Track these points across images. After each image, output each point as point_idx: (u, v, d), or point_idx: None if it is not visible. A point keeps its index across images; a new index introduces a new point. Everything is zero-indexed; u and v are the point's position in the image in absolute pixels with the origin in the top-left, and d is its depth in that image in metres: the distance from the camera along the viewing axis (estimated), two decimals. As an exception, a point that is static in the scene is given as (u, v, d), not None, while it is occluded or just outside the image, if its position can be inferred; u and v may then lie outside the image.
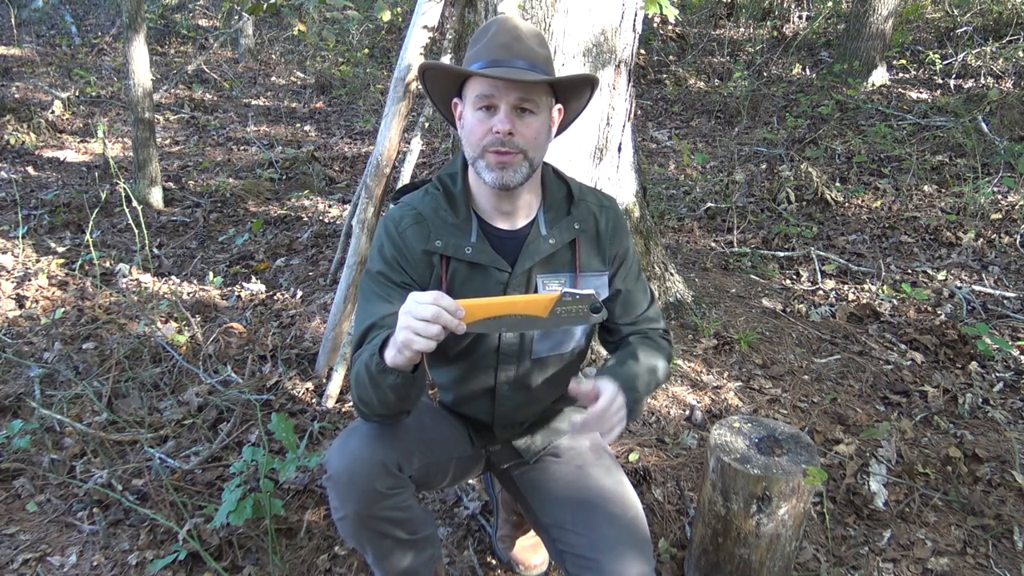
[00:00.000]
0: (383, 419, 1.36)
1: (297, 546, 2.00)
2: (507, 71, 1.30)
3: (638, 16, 2.64)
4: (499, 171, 1.33)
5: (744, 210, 4.51)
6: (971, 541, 2.06)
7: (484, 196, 1.43)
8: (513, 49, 1.34)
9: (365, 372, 1.26)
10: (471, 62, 1.37)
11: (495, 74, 1.28)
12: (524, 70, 1.32)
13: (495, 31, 1.37)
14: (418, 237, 1.40)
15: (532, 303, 1.22)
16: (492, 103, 1.31)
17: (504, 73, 1.29)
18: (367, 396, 1.29)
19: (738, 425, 1.81)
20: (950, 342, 2.97)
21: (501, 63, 1.32)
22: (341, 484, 1.32)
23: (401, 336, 1.14)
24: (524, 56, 1.34)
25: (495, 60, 1.33)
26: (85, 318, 3.19)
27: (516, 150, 1.32)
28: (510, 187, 1.36)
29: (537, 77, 1.31)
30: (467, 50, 1.42)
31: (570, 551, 1.43)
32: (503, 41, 1.34)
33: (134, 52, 4.29)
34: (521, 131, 1.32)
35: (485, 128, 1.32)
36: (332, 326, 2.69)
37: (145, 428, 2.45)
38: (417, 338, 1.13)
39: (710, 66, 8.03)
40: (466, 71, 1.33)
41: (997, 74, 6.89)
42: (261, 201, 4.82)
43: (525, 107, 1.32)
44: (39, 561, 1.96)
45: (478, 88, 1.32)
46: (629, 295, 1.57)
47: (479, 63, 1.34)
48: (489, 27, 1.39)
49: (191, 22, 10.10)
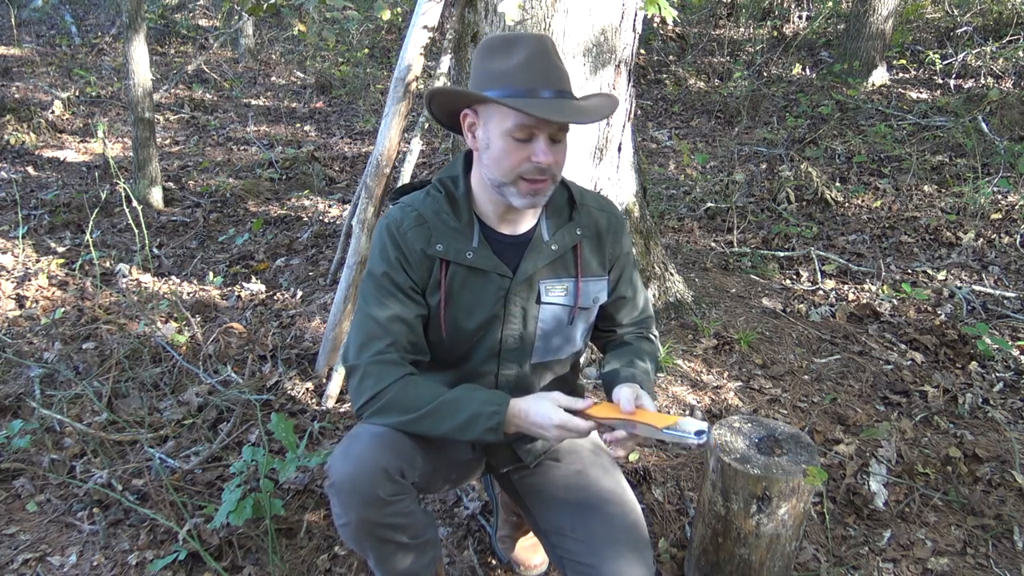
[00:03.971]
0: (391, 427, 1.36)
1: (297, 546, 2.00)
2: (559, 105, 1.28)
3: (638, 16, 2.64)
4: (531, 197, 1.34)
5: (744, 210, 4.51)
6: (971, 541, 2.05)
7: (490, 202, 1.42)
8: (551, 76, 1.30)
9: (467, 418, 1.33)
10: (501, 83, 1.30)
11: (555, 118, 1.26)
12: (561, 98, 1.30)
13: (527, 54, 1.30)
14: (419, 239, 1.40)
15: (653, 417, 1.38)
16: (531, 133, 1.30)
17: (558, 112, 1.26)
18: (428, 422, 1.34)
19: (738, 425, 1.81)
20: (950, 342, 2.97)
21: (538, 92, 1.28)
22: (344, 491, 1.31)
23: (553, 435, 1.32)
24: (559, 83, 1.31)
25: (530, 90, 1.28)
26: (85, 318, 3.19)
27: (549, 176, 1.34)
28: (537, 207, 1.39)
29: (588, 117, 1.30)
30: (482, 58, 1.34)
31: (569, 557, 1.43)
32: (538, 66, 1.30)
33: (134, 52, 4.30)
34: (556, 158, 1.33)
35: (522, 156, 1.30)
36: (332, 326, 2.69)
37: (145, 428, 2.45)
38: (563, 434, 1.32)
39: (710, 66, 8.03)
40: (526, 111, 1.25)
41: (997, 74, 6.89)
42: (261, 201, 4.82)
43: (560, 136, 1.33)
44: (39, 561, 1.96)
45: (516, 118, 1.28)
46: (629, 297, 1.60)
47: (512, 91, 1.28)
48: (514, 46, 1.31)
49: (191, 22, 10.10)
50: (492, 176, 1.35)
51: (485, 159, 1.35)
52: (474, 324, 1.45)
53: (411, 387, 1.37)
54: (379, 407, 1.36)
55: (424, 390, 1.37)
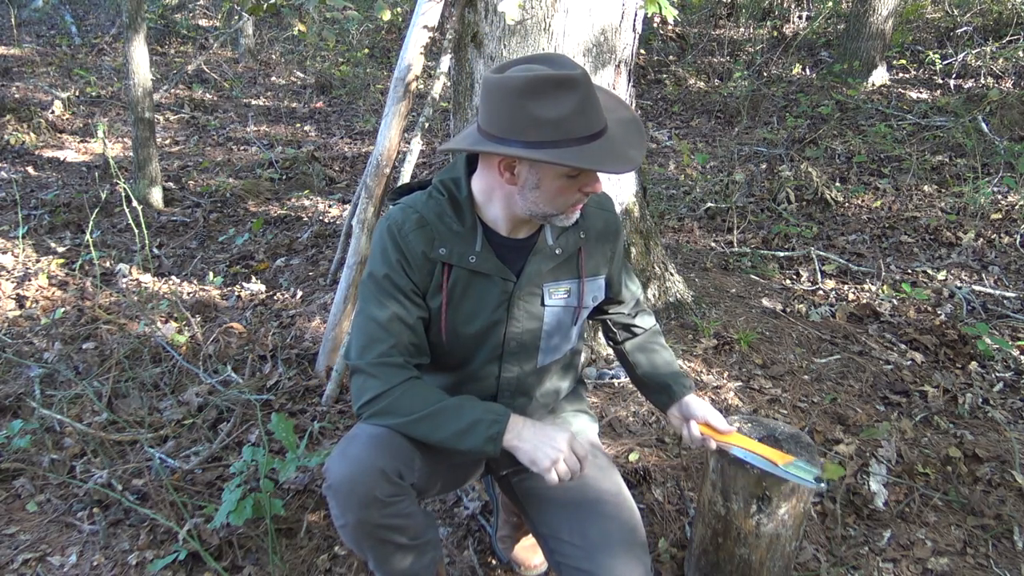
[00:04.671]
0: (390, 429, 1.36)
1: (297, 546, 2.00)
2: (615, 152, 1.26)
3: (638, 16, 2.64)
4: (575, 215, 1.38)
5: (744, 210, 4.51)
6: (971, 541, 2.05)
7: (493, 208, 1.40)
8: (598, 111, 1.27)
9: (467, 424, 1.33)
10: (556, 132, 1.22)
11: (626, 169, 1.25)
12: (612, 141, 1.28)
13: (580, 100, 1.23)
14: (420, 242, 1.38)
15: (775, 454, 1.54)
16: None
17: (624, 162, 1.26)
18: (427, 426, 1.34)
19: (738, 425, 1.81)
20: (950, 342, 2.97)
21: (594, 136, 1.26)
22: (342, 493, 1.31)
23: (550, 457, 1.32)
24: (602, 113, 1.28)
25: (592, 135, 1.25)
26: (85, 318, 3.19)
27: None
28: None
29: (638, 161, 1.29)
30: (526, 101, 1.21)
31: (566, 562, 1.42)
32: (590, 108, 1.25)
33: (134, 52, 4.30)
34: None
35: (575, 189, 1.32)
36: (332, 326, 2.69)
37: (145, 428, 2.45)
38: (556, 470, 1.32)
39: (710, 66, 8.03)
40: (605, 170, 1.24)
41: (997, 74, 6.89)
42: (261, 201, 4.82)
43: None
44: (39, 561, 1.96)
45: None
46: (624, 288, 1.67)
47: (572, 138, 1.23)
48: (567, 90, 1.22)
49: (191, 22, 10.10)
50: (538, 210, 1.34)
51: (530, 196, 1.32)
52: (475, 328, 1.45)
53: (413, 390, 1.37)
54: (379, 409, 1.36)
55: (426, 394, 1.37)
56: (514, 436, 1.34)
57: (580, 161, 1.22)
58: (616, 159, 1.25)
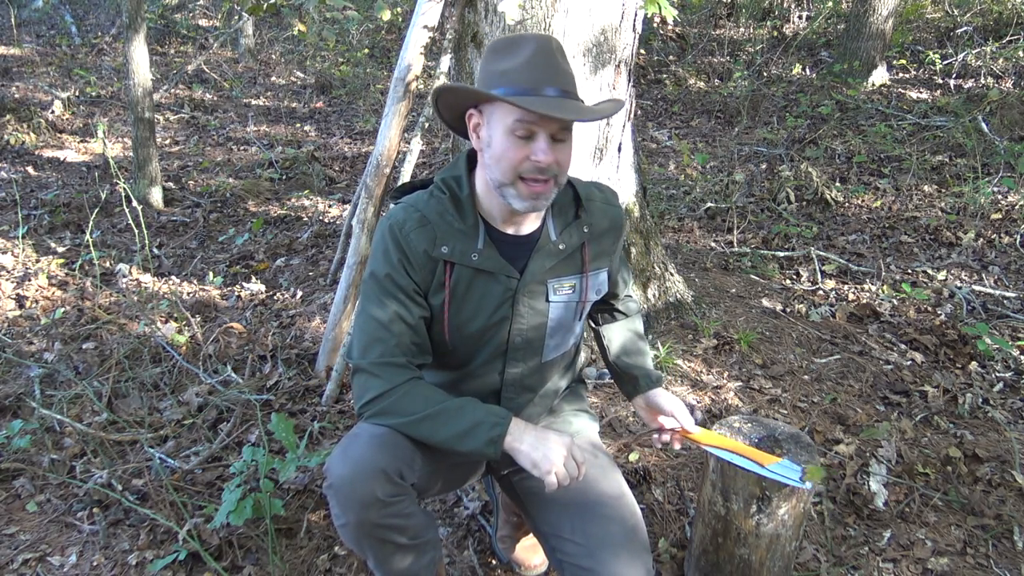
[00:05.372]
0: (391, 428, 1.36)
1: (297, 546, 2.00)
2: (560, 103, 1.27)
3: (638, 16, 2.64)
4: (531, 200, 1.33)
5: (744, 210, 4.51)
6: (971, 541, 2.05)
7: (494, 204, 1.41)
8: (554, 76, 1.30)
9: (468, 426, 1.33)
10: (504, 83, 1.30)
11: (556, 114, 1.24)
12: (564, 98, 1.29)
13: (530, 53, 1.30)
14: (422, 240, 1.38)
15: (759, 455, 1.57)
16: (531, 131, 1.29)
17: (559, 109, 1.26)
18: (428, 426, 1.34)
19: (738, 425, 1.81)
20: (950, 342, 2.97)
21: (541, 91, 1.28)
22: (342, 493, 1.31)
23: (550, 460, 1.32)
24: (563, 83, 1.31)
25: (532, 88, 1.28)
26: (85, 318, 3.19)
27: (550, 177, 1.32)
28: (539, 210, 1.38)
29: (591, 115, 1.30)
30: (488, 59, 1.35)
31: (568, 560, 1.42)
32: (541, 66, 1.29)
33: (134, 52, 4.30)
34: (557, 158, 1.31)
35: (522, 155, 1.29)
36: (332, 326, 2.69)
37: (145, 428, 2.45)
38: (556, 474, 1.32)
39: (710, 66, 8.03)
40: (529, 109, 1.25)
41: (997, 74, 6.89)
42: (261, 201, 4.82)
43: (562, 135, 1.32)
44: (39, 561, 1.96)
45: (517, 114, 1.28)
46: (620, 280, 1.69)
47: (514, 89, 1.28)
48: (519, 46, 1.31)
49: (191, 22, 10.10)
50: (493, 176, 1.34)
51: (487, 158, 1.35)
52: (479, 325, 1.45)
53: (415, 391, 1.37)
54: (380, 408, 1.36)
55: (428, 394, 1.37)
56: (515, 439, 1.34)
57: (505, 95, 1.27)
58: (544, 106, 1.25)
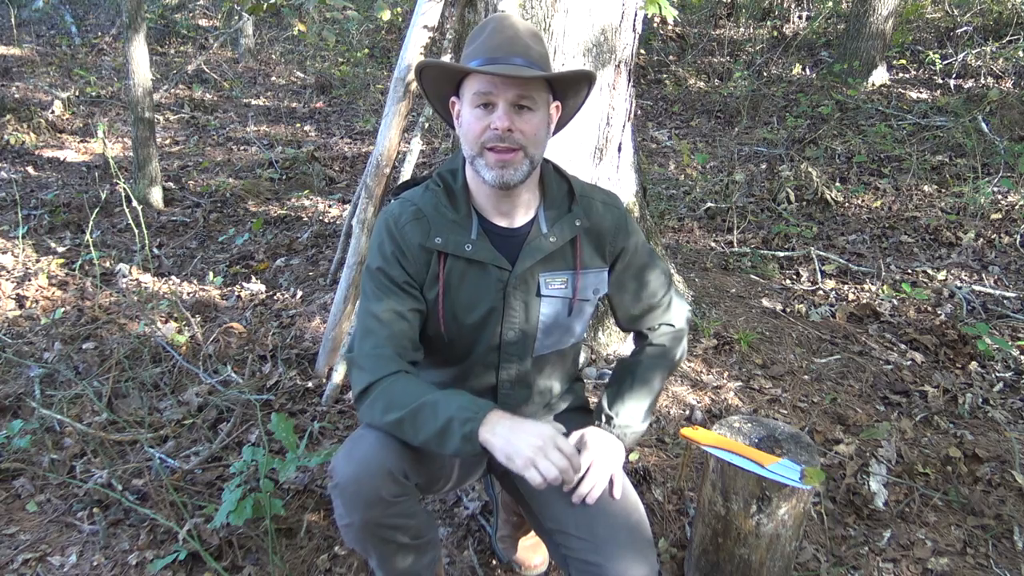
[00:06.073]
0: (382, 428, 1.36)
1: (297, 546, 2.00)
2: (505, 68, 1.30)
3: (638, 16, 2.64)
4: (499, 170, 1.34)
5: (744, 210, 4.51)
6: (971, 541, 2.05)
7: (483, 194, 1.43)
8: (510, 46, 1.34)
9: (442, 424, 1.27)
10: (468, 60, 1.37)
11: (492, 71, 1.29)
12: (522, 67, 1.32)
13: (492, 29, 1.37)
14: (417, 233, 1.40)
15: (759, 455, 1.59)
16: (490, 100, 1.32)
17: (502, 70, 1.29)
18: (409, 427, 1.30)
19: (738, 425, 1.81)
20: (950, 342, 2.97)
21: (499, 60, 1.32)
22: (348, 493, 1.31)
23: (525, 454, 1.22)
24: (521, 53, 1.34)
25: (492, 58, 1.33)
26: (85, 318, 3.19)
27: (516, 146, 1.32)
28: (510, 185, 1.36)
29: (534, 73, 1.31)
30: (464, 48, 1.42)
31: (574, 555, 1.42)
32: (500, 39, 1.34)
33: (134, 52, 4.30)
34: (520, 127, 1.32)
35: (483, 125, 1.32)
36: (332, 326, 2.69)
37: (145, 428, 2.45)
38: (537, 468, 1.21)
39: (710, 66, 8.03)
40: (463, 68, 1.33)
41: (997, 74, 6.89)
42: (261, 201, 4.82)
43: (523, 104, 1.32)
44: (39, 561, 1.96)
45: (476, 85, 1.32)
46: (636, 285, 1.58)
47: (476, 61, 1.34)
48: (486, 25, 1.39)
49: (191, 22, 10.10)
50: (467, 153, 1.38)
51: (462, 137, 1.39)
52: (473, 318, 1.45)
53: (399, 383, 1.35)
54: (370, 400, 1.36)
55: (412, 388, 1.34)
56: (489, 432, 1.24)
57: (463, 61, 1.36)
58: (492, 68, 1.30)
